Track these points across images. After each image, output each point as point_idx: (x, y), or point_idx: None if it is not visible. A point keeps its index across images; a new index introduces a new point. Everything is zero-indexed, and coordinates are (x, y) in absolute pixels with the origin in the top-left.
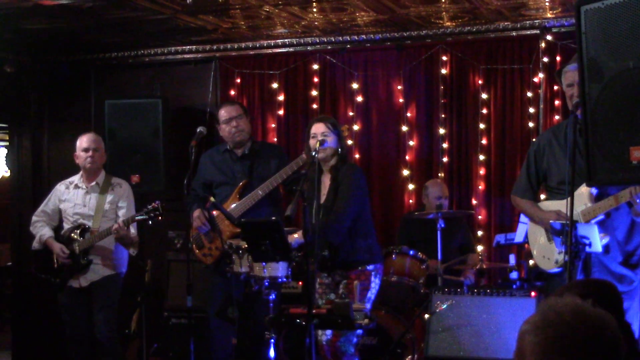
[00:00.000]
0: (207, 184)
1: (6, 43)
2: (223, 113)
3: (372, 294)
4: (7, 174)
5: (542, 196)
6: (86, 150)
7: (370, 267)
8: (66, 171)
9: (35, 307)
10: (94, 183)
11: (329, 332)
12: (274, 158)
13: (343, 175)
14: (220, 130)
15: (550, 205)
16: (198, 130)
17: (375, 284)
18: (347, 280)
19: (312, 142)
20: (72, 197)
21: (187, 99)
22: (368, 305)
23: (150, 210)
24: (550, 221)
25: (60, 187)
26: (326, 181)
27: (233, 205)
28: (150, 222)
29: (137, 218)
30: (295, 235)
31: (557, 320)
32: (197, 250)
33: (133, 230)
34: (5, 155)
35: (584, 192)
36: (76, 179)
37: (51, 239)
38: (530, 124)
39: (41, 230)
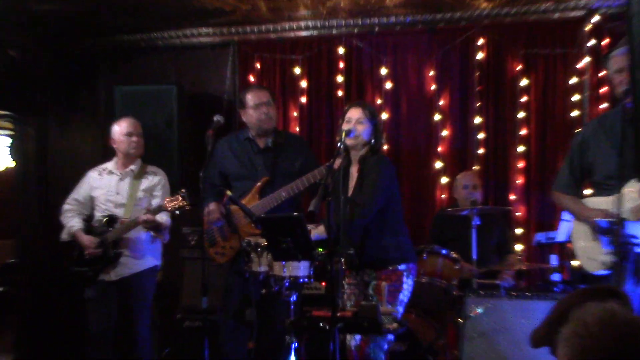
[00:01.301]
0: (223, 174)
1: (11, 26)
2: (252, 97)
3: (404, 296)
4: (12, 164)
5: (587, 192)
6: (130, 134)
7: (402, 267)
8: (73, 162)
9: (43, 307)
10: (128, 169)
11: (358, 336)
12: (299, 154)
13: (370, 167)
14: (246, 116)
15: (596, 201)
16: (215, 119)
17: (407, 285)
18: (377, 280)
19: (344, 126)
20: (104, 184)
21: (203, 85)
22: (400, 309)
23: (171, 201)
24: (596, 219)
25: (92, 173)
26: (354, 173)
27: (252, 205)
28: (177, 212)
29: (162, 207)
30: (314, 231)
31: (583, 331)
32: (209, 248)
33: (165, 217)
34: (9, 144)
35: (633, 187)
36: (110, 165)
37: (80, 231)
38: (574, 113)
39: (71, 220)
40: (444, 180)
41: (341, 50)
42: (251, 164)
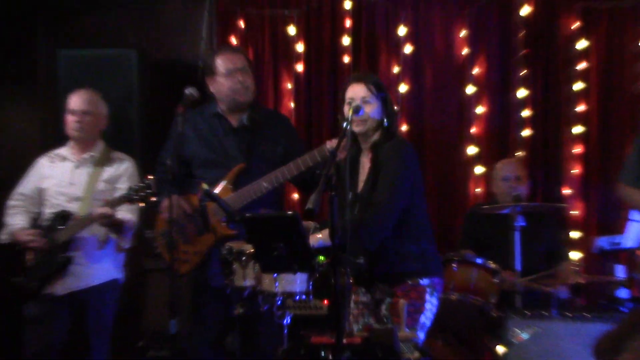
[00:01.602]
0: (185, 160)
1: None
2: (223, 62)
3: (426, 318)
4: None
5: None
6: (72, 112)
7: (424, 282)
8: (4, 144)
9: None
10: (86, 155)
11: None
12: (282, 137)
13: (386, 156)
14: (215, 85)
15: None
16: (186, 92)
17: (431, 304)
18: (393, 298)
19: (346, 109)
20: (56, 173)
21: (171, 49)
22: (420, 334)
23: (139, 188)
24: None
25: (42, 160)
26: (365, 163)
27: (225, 198)
28: (141, 204)
29: (122, 198)
30: (319, 235)
31: None
32: (165, 253)
33: (130, 215)
34: None
35: None
36: (64, 150)
37: (21, 230)
38: None
39: (13, 218)
40: (479, 170)
41: (348, 5)
42: (221, 147)
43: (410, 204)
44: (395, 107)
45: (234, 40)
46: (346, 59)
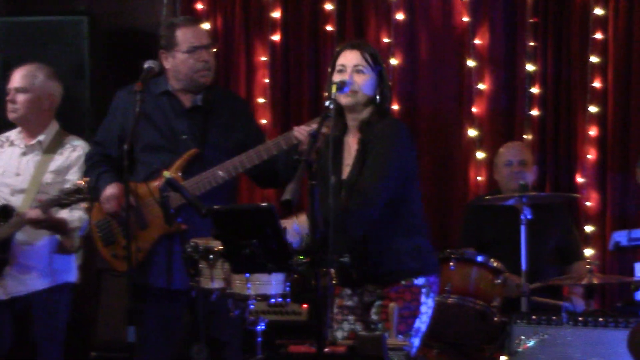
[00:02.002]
0: (125, 141)
1: None
2: (187, 37)
3: (421, 322)
4: None
5: None
6: (7, 91)
7: (419, 281)
8: None
9: None
10: (35, 141)
11: None
12: (238, 121)
13: (377, 136)
14: (172, 61)
15: None
16: (146, 65)
17: (427, 307)
18: (383, 300)
19: (336, 77)
20: (3, 160)
21: (128, 17)
22: (415, 341)
23: (69, 192)
24: None
25: None
26: (352, 145)
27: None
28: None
29: (51, 201)
30: (294, 219)
31: None
32: (103, 248)
33: (78, 213)
34: None
35: None
36: (14, 133)
37: None
38: None
39: None
40: (481, 155)
41: None
42: (170, 129)
43: (403, 193)
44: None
45: (199, 7)
46: (329, 28)
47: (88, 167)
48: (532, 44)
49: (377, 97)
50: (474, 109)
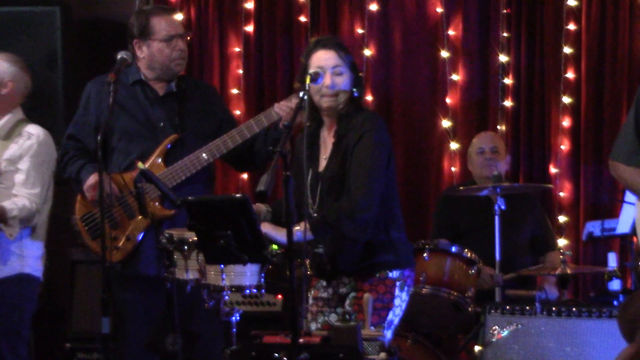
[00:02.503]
0: (104, 133)
1: None
2: (163, 25)
3: (394, 315)
4: None
5: None
6: None
7: (393, 274)
8: None
9: None
10: None
11: None
12: (213, 107)
13: (356, 131)
14: (147, 50)
15: None
16: (119, 56)
17: (400, 300)
18: (357, 292)
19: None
20: None
21: (100, 7)
22: (387, 333)
23: None
24: None
25: None
26: (327, 138)
27: (158, 174)
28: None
29: None
30: (297, 227)
31: None
32: (92, 241)
33: (21, 202)
34: None
35: None
36: None
37: None
38: None
39: None
40: (454, 146)
41: None
42: (146, 117)
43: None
44: (360, 74)
45: None
46: (303, 19)
47: (65, 162)
48: (505, 35)
49: (354, 90)
50: (447, 100)
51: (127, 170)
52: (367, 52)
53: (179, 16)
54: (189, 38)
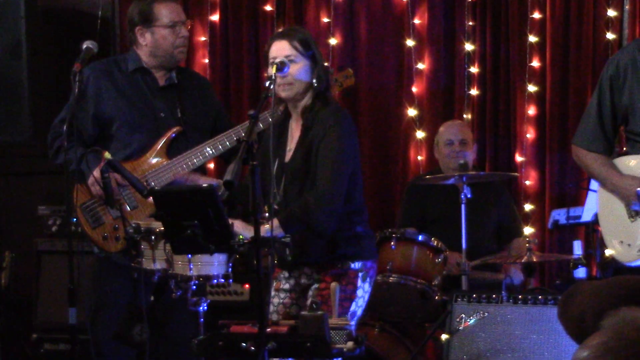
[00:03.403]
0: (102, 121)
1: None
2: (168, 12)
3: (357, 306)
4: None
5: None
6: None
7: (355, 266)
8: None
9: None
10: None
11: None
12: (210, 101)
13: (323, 127)
14: (150, 37)
15: (634, 164)
16: (84, 46)
17: (363, 290)
18: (320, 284)
19: (270, 70)
20: None
21: None
22: (352, 323)
23: None
24: (637, 189)
25: None
26: (295, 130)
27: (161, 166)
28: None
29: None
30: (267, 226)
31: (621, 344)
32: (92, 231)
33: None
34: None
35: None
36: None
37: None
38: (609, 35)
39: None
40: (421, 134)
41: None
42: (148, 107)
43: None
44: (327, 65)
45: None
46: (268, 8)
47: (57, 147)
48: (470, 23)
49: (315, 81)
50: (413, 89)
51: (128, 160)
52: (333, 41)
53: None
54: (189, 26)
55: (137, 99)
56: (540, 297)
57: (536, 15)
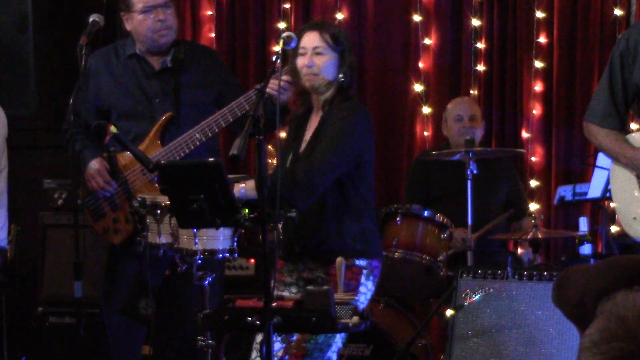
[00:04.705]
0: (103, 111)
1: None
2: None
3: (359, 302)
4: None
5: (634, 126)
6: None
7: (360, 263)
8: None
9: None
10: None
11: (279, 345)
12: (214, 77)
13: (336, 117)
14: (131, 23)
15: None
16: (91, 19)
17: (366, 289)
18: (326, 277)
19: (299, 61)
20: None
21: None
22: (361, 300)
23: None
24: None
25: None
26: (314, 122)
27: (154, 154)
28: None
29: None
30: (242, 185)
31: (621, 332)
32: (94, 223)
33: None
34: None
35: None
36: None
37: None
38: (617, 11)
39: None
40: (427, 110)
41: None
42: (143, 93)
43: (354, 177)
44: (354, 61)
45: None
46: None
47: (68, 139)
48: None
49: (341, 76)
50: (420, 64)
51: (126, 150)
52: (340, 16)
53: None
54: (169, 9)
55: (132, 86)
56: (545, 273)
57: None
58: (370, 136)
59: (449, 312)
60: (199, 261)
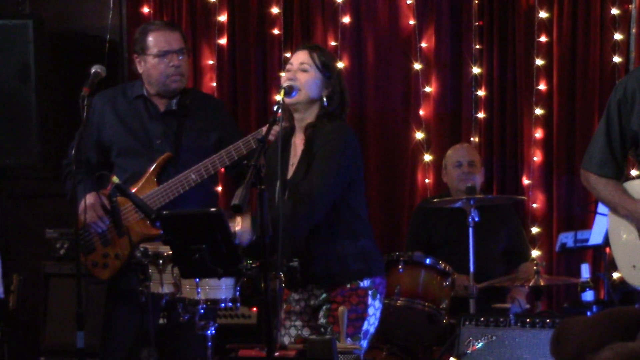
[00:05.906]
0: (103, 146)
1: None
2: (156, 40)
3: (369, 324)
4: None
5: (633, 172)
6: None
7: (364, 284)
8: None
9: None
10: None
11: None
12: (215, 123)
13: (323, 139)
14: (144, 66)
15: None
16: (93, 70)
17: (374, 308)
18: (332, 304)
19: (285, 79)
20: None
21: (74, 19)
22: (364, 343)
23: None
24: None
25: None
26: (298, 146)
27: (148, 193)
28: None
29: None
30: (237, 228)
31: None
32: (83, 257)
33: None
34: None
35: None
36: None
37: None
38: (616, 59)
39: None
40: (428, 157)
41: None
42: (145, 133)
43: (348, 198)
44: (346, 94)
45: (146, 10)
46: (276, 31)
47: (65, 175)
48: (477, 47)
49: (324, 98)
50: (421, 112)
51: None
52: (340, 65)
53: (178, 33)
54: (183, 55)
55: (135, 126)
56: (548, 320)
57: (543, 38)
58: (358, 157)
59: None
60: (202, 311)
